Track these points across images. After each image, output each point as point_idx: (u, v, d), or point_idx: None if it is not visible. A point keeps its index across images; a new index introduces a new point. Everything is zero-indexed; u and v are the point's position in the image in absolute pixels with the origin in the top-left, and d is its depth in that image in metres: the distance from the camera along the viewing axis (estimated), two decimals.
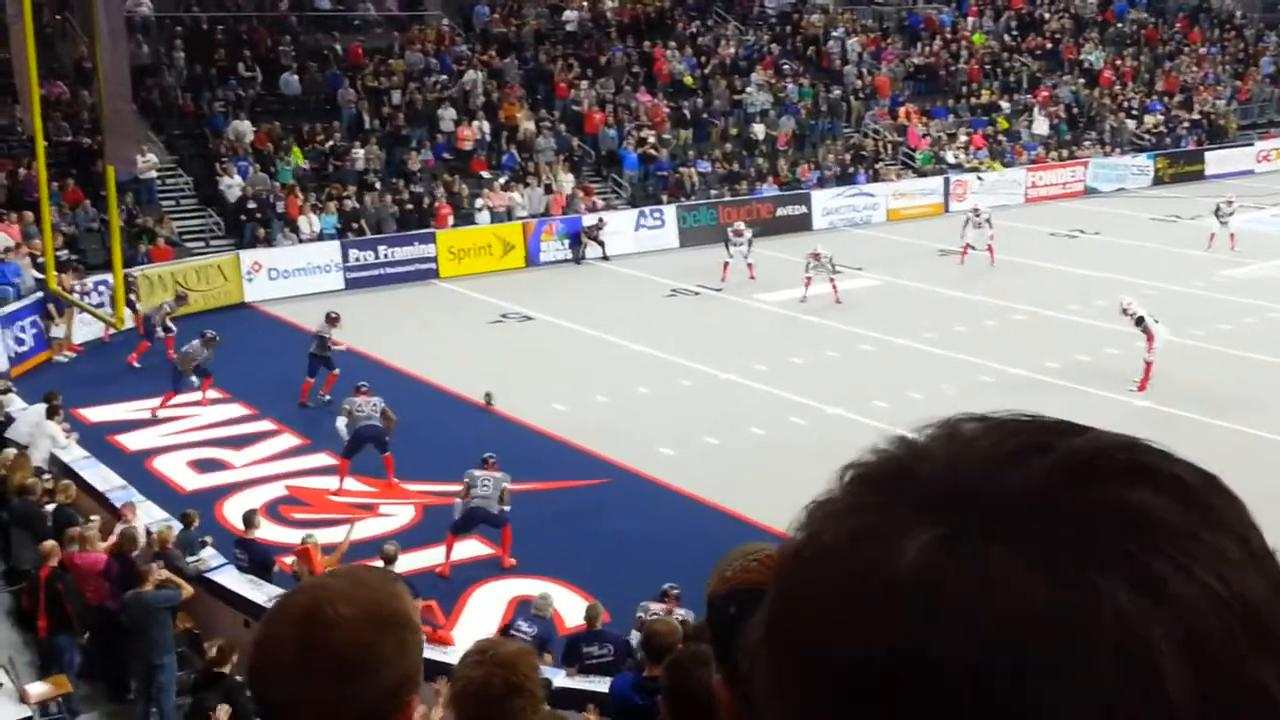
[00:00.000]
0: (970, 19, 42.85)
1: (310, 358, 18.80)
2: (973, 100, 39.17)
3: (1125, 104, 41.04)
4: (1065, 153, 37.65)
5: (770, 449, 16.62)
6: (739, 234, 26.09)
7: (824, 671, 0.62)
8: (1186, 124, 40.83)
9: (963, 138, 36.88)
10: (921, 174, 35.07)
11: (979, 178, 34.84)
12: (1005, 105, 39.10)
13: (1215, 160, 39.61)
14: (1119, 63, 42.91)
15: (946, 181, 34.39)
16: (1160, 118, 40.68)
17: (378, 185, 28.47)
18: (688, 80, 35.28)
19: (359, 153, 29.15)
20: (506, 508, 13.56)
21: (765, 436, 17.18)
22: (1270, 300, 23.60)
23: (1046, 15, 44.33)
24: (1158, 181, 37.77)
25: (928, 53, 40.21)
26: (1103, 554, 0.60)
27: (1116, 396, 18.32)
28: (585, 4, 36.70)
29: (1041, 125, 38.57)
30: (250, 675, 1.56)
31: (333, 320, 19.14)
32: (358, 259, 26.60)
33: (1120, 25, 45.17)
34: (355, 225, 27.32)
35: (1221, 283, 25.15)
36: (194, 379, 18.62)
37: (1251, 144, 41.28)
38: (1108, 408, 17.94)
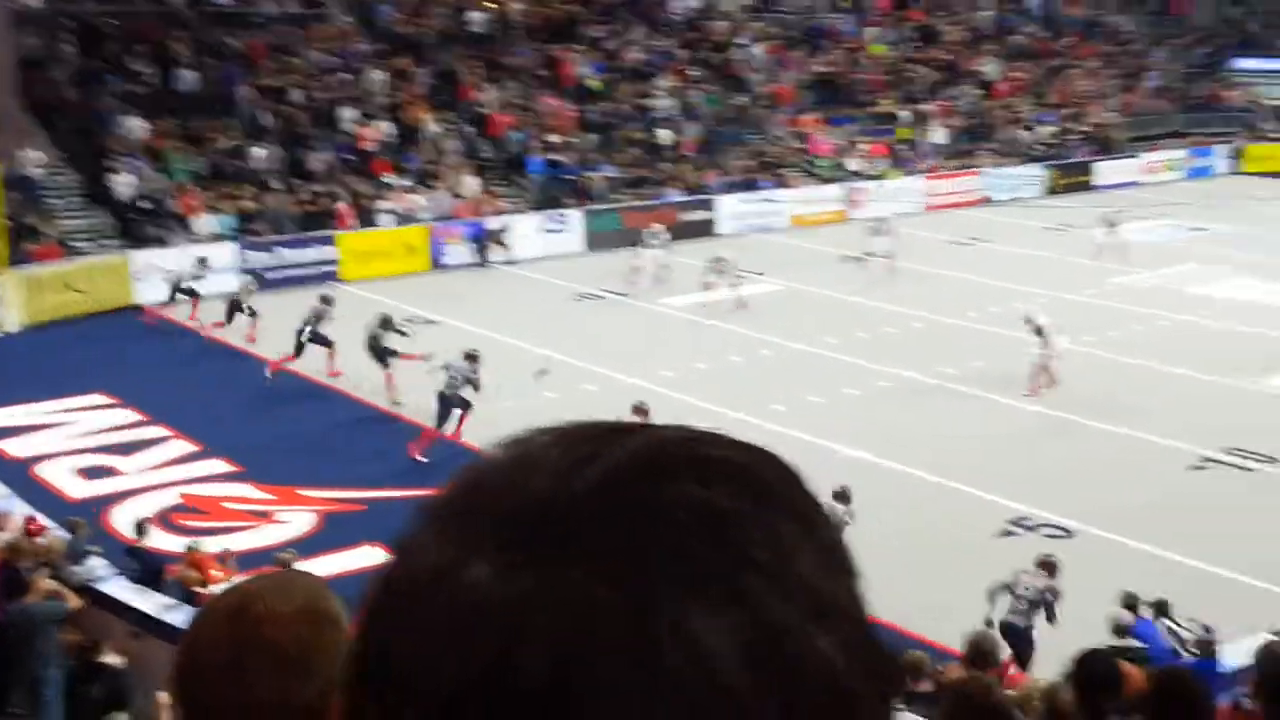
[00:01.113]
0: (871, 29, 43.49)
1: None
2: (873, 109, 39.77)
3: (1019, 115, 41.99)
4: (962, 162, 38.40)
5: None
6: (654, 234, 26.18)
7: (410, 700, 0.62)
8: (1077, 136, 41.91)
9: (864, 146, 37.41)
10: (824, 181, 35.49)
11: (881, 184, 35.38)
12: (904, 114, 39.76)
13: (1104, 171, 40.71)
14: (1014, 75, 43.89)
15: (847, 189, 34.86)
16: (1052, 129, 41.69)
17: (277, 185, 28.01)
18: (594, 84, 35.29)
19: (258, 152, 28.66)
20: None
21: None
22: (1158, 308, 24.29)
23: (945, 27, 45.17)
24: (1050, 191, 38.70)
25: (830, 61, 40.72)
26: (665, 556, 0.61)
27: (1011, 402, 18.72)
28: (493, 5, 36.51)
29: (939, 135, 39.28)
30: (179, 679, 1.50)
31: (327, 300, 20.15)
32: (255, 261, 26.14)
33: (1016, 38, 46.20)
34: (253, 226, 26.85)
35: (1112, 290, 25.82)
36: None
37: (1138, 156, 42.48)
38: (1002, 413, 18.35)
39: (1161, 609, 10.96)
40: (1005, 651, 7.03)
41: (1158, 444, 17.04)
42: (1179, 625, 10.75)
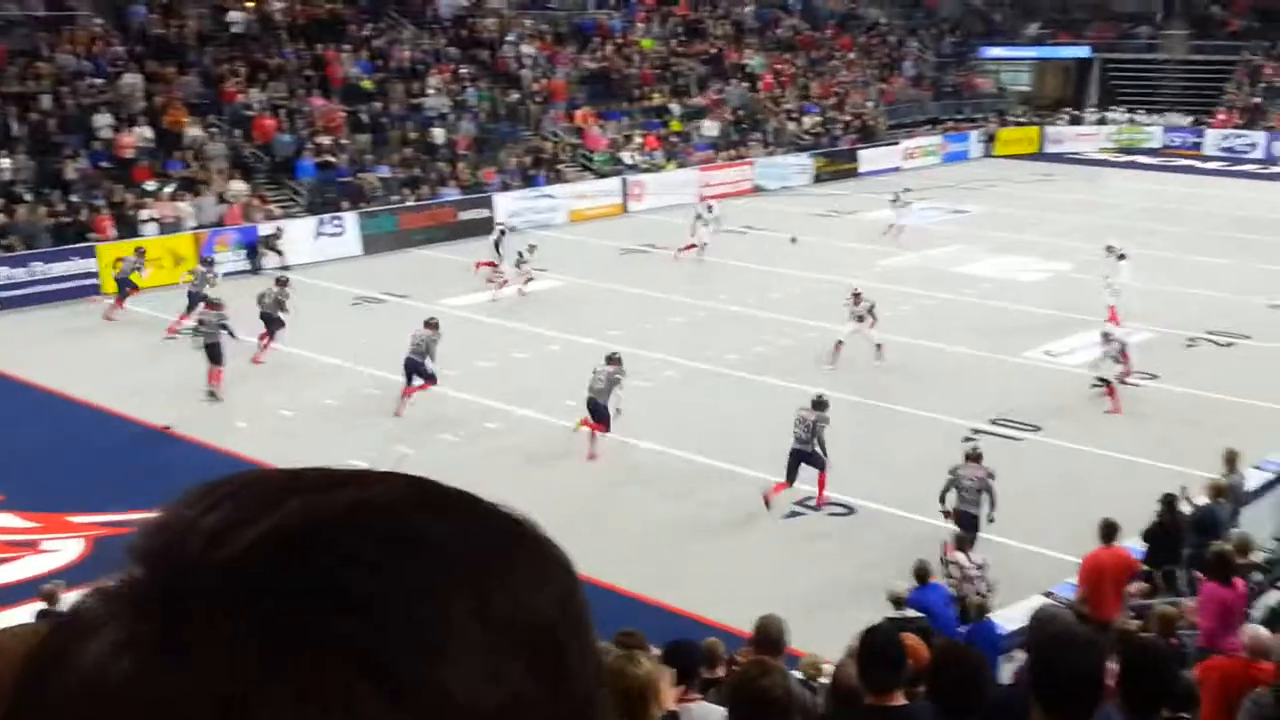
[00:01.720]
0: (639, 25, 44.05)
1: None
2: (645, 103, 40.30)
3: (785, 107, 43.25)
4: (734, 153, 39.30)
5: (464, 455, 16.53)
6: (503, 231, 26.39)
7: None
8: (841, 125, 43.45)
9: (638, 139, 37.86)
10: (600, 175, 35.76)
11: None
12: (676, 108, 40.43)
13: (867, 158, 42.35)
14: (778, 68, 45.16)
15: (624, 182, 35.23)
16: (817, 119, 43.10)
17: (28, 197, 26.47)
18: (364, 84, 34.60)
19: (5, 162, 27.01)
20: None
21: (459, 443, 17.07)
22: (922, 288, 25.40)
23: (710, 22, 46.11)
24: (818, 179, 40.01)
25: (601, 57, 41.04)
26: (272, 651, 0.56)
27: (794, 385, 19.23)
28: (252, 5, 35.33)
29: (711, 127, 40.11)
30: None
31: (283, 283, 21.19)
32: (8, 277, 24.66)
33: (778, 32, 47.55)
34: (4, 241, 25.31)
35: (880, 272, 26.84)
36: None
37: (898, 143, 44.34)
38: (787, 396, 18.84)
39: (961, 544, 11.79)
40: (789, 636, 7.21)
41: (930, 418, 17.80)
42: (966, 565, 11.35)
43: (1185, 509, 11.54)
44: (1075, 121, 50.22)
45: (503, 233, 26.26)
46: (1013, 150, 46.88)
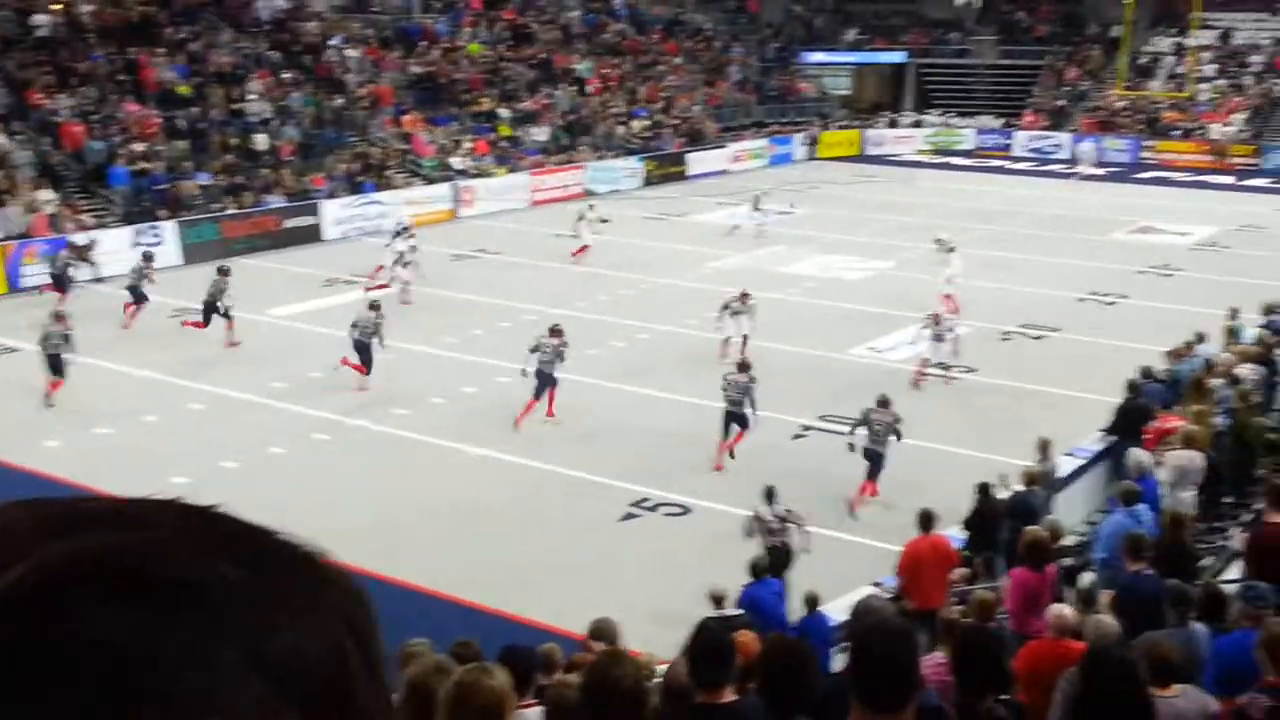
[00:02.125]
0: (466, 29, 43.74)
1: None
2: (474, 108, 40.05)
3: (614, 111, 43.51)
4: (564, 157, 39.36)
5: (291, 467, 16.16)
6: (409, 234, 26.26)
7: None
8: (669, 128, 43.94)
9: (468, 144, 37.60)
10: (430, 181, 35.38)
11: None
12: (505, 112, 40.28)
13: (695, 161, 42.95)
14: (606, 72, 45.41)
15: (455, 188, 34.94)
16: (646, 123, 43.48)
17: None
18: (180, 89, 33.52)
19: None
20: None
21: (287, 455, 16.67)
22: (750, 288, 25.76)
23: (536, 27, 46.09)
24: (648, 182, 40.37)
25: (428, 61, 40.61)
26: (16, 710, 0.51)
27: (623, 387, 19.36)
28: (58, 7, 33.85)
29: (541, 132, 40.09)
30: None
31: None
32: None
33: (605, 37, 47.80)
34: None
35: (709, 274, 27.21)
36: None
37: (725, 146, 45.07)
38: (614, 397, 18.95)
39: (770, 495, 12.51)
40: (622, 637, 7.29)
41: (762, 416, 18.06)
42: (785, 515, 12.17)
43: (1002, 496, 11.99)
44: (893, 124, 51.82)
45: (398, 234, 26.42)
46: (835, 153, 48.11)
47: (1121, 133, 47.77)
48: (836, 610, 9.98)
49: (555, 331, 18.22)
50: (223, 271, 22.22)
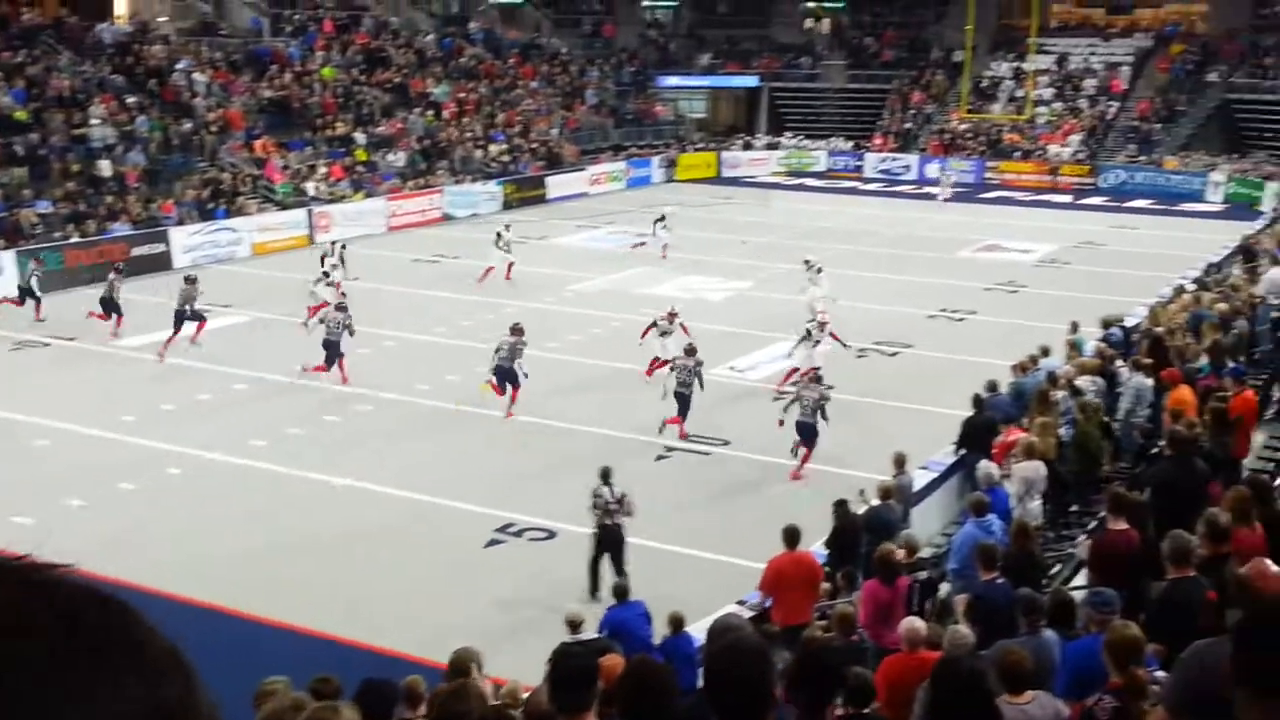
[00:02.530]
0: (319, 53, 43.13)
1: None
2: (329, 132, 39.49)
3: (472, 135, 43.35)
4: (422, 182, 39.05)
5: (144, 503, 15.65)
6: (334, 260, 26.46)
7: None
8: (527, 152, 43.95)
9: (322, 169, 37.04)
10: (284, 207, 34.74)
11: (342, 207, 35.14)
12: (361, 137, 39.81)
13: (555, 184, 43.03)
14: (462, 96, 45.22)
15: (310, 213, 34.36)
16: (504, 147, 43.42)
17: None
18: (18, 114, 32.32)
19: None
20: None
21: (138, 491, 16.13)
22: (611, 311, 25.94)
23: (392, 51, 45.69)
24: (507, 206, 40.27)
25: (279, 85, 39.91)
26: None
27: (483, 412, 19.22)
28: None
29: (397, 156, 39.72)
30: None
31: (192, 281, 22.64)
32: None
33: (461, 61, 47.61)
34: None
35: (569, 297, 27.27)
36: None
37: (584, 169, 45.26)
38: (470, 421, 18.81)
39: (605, 475, 13.33)
40: (484, 665, 7.24)
41: (623, 438, 18.17)
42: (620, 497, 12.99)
43: (860, 511, 12.23)
44: (748, 147, 52.67)
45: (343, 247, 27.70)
46: (693, 175, 48.70)
47: (966, 154, 49.37)
48: (701, 630, 10.04)
49: (516, 330, 19.15)
50: (190, 280, 23.04)
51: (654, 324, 21.15)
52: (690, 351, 18.42)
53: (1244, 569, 4.22)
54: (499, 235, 28.87)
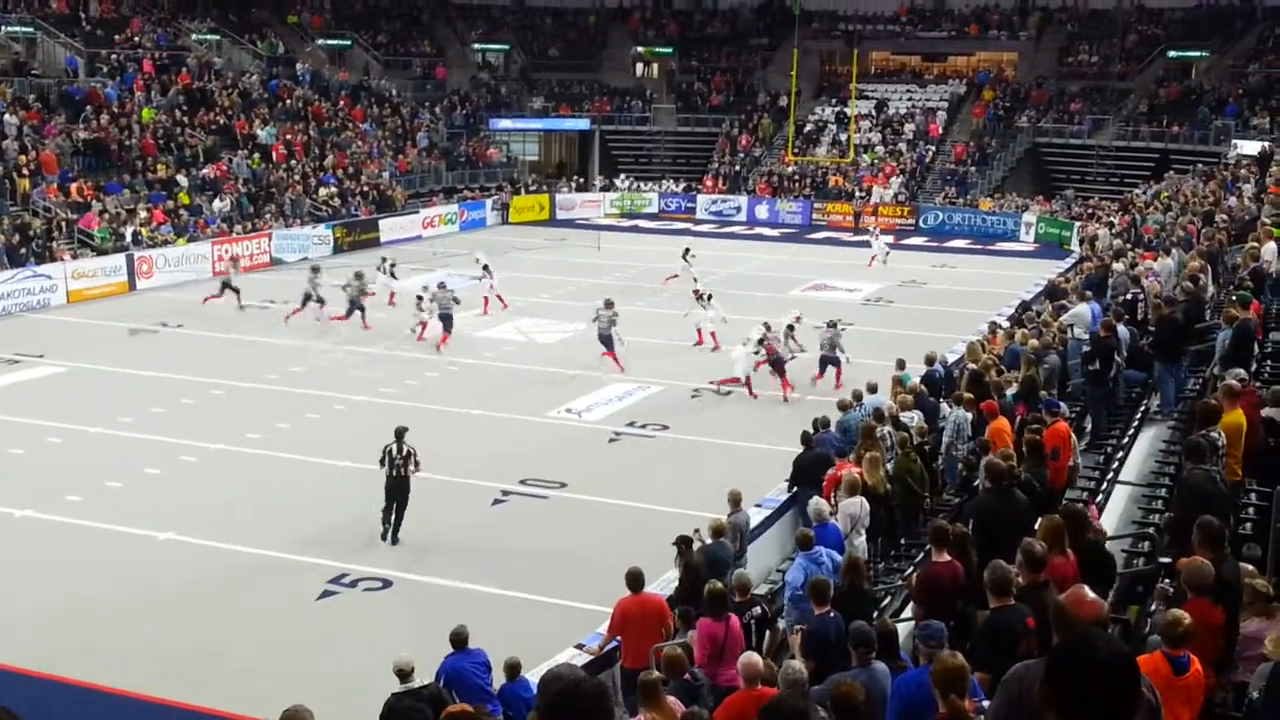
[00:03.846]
0: (138, 93, 41.87)
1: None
2: (150, 175, 38.32)
3: (301, 177, 42.60)
4: (248, 225, 38.15)
5: None
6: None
7: None
8: (357, 195, 43.39)
9: (143, 213, 35.89)
10: (102, 252, 33.52)
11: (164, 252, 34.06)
12: (183, 179, 38.74)
13: (388, 227, 42.58)
14: (290, 138, 44.44)
15: (130, 259, 33.22)
16: (334, 189, 42.79)
17: None
18: None
19: None
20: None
21: None
22: (445, 354, 25.70)
23: (216, 92, 44.65)
24: (337, 249, 39.66)
25: (96, 127, 38.59)
26: None
27: (317, 460, 18.82)
28: None
29: (223, 200, 38.75)
30: None
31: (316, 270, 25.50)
32: None
33: (288, 103, 46.80)
34: None
35: (405, 339, 26.91)
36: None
37: (418, 212, 44.92)
38: (312, 471, 18.39)
39: (400, 433, 15.64)
40: None
41: (461, 484, 18.00)
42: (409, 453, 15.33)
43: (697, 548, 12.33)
44: (582, 189, 53.07)
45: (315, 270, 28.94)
46: (526, 217, 48.78)
47: (793, 196, 50.66)
48: (538, 676, 9.97)
49: (609, 303, 23.94)
50: (316, 270, 28.12)
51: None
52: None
53: (1062, 596, 4.41)
54: (426, 289, 28.15)
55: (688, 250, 33.95)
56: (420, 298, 27.80)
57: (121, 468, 18.39)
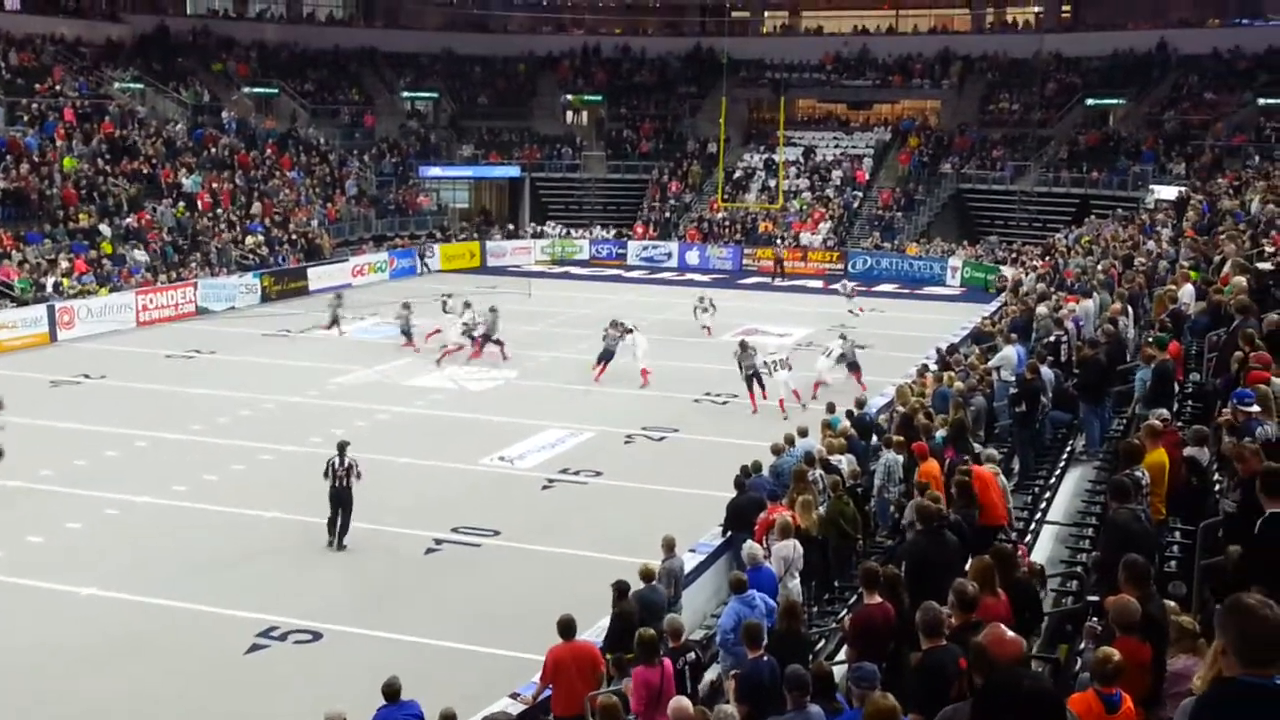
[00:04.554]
0: (59, 142, 41.30)
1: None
2: (71, 224, 37.75)
3: (227, 226, 42.20)
4: (174, 274, 37.67)
5: None
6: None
7: None
8: (285, 244, 43.04)
9: (65, 264, 35.31)
10: (22, 303, 32.88)
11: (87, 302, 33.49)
12: (106, 229, 38.20)
13: (317, 276, 42.22)
14: (216, 186, 44.04)
15: (51, 309, 32.62)
16: (261, 238, 42.41)
17: None
18: None
19: None
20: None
21: None
22: (376, 403, 25.51)
23: (140, 141, 44.17)
24: (265, 298, 39.27)
25: (16, 176, 37.97)
26: None
27: (248, 511, 18.54)
28: None
29: (144, 250, 38.24)
30: None
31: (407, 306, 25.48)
32: None
33: (213, 151, 46.41)
34: None
35: (334, 390, 26.69)
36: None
37: (347, 260, 44.63)
38: (243, 524, 18.09)
39: (341, 448, 17.31)
40: None
41: (393, 532, 17.81)
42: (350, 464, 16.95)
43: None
44: (512, 236, 53.08)
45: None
46: (457, 265, 48.66)
47: (723, 241, 51.07)
48: None
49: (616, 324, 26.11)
50: (407, 306, 31.46)
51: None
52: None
53: (980, 636, 4.44)
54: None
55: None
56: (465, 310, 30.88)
57: (42, 522, 17.96)
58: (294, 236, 43.77)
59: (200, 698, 12.87)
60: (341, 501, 17.14)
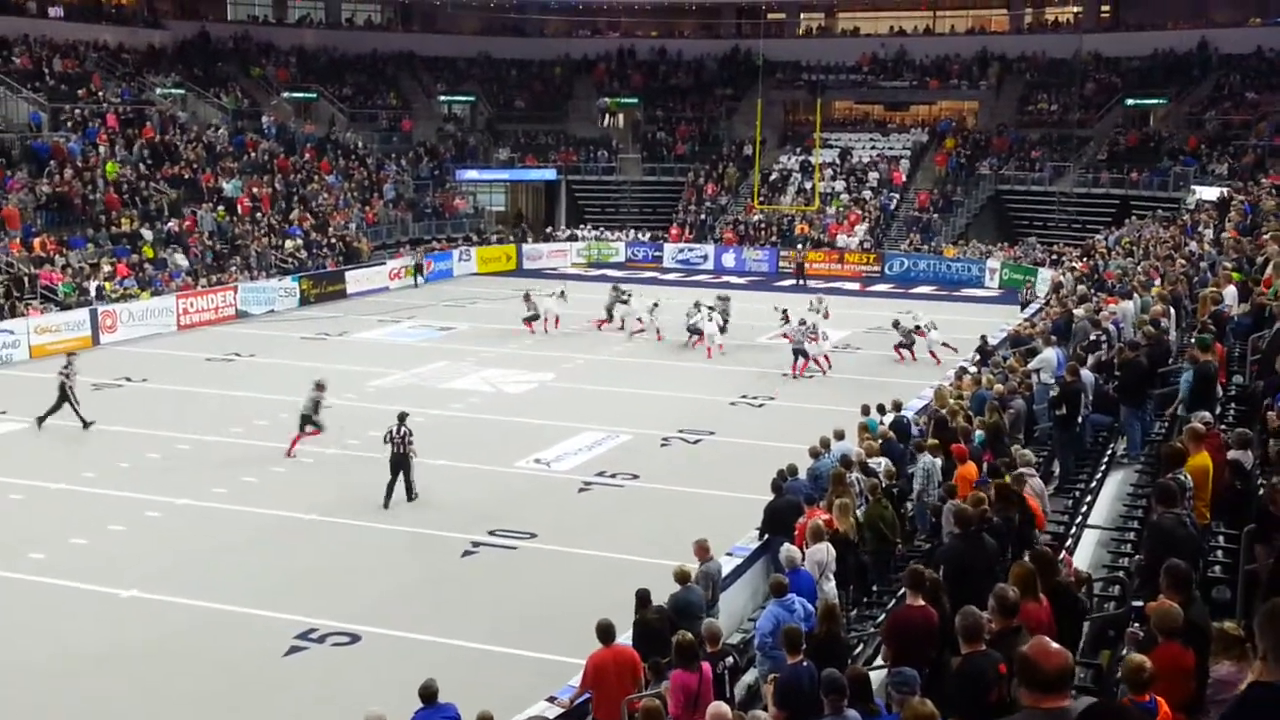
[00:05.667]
0: (102, 147, 41.76)
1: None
2: (113, 229, 38.16)
3: (267, 230, 42.52)
4: (214, 278, 38.00)
5: None
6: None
7: None
8: (324, 247, 43.32)
9: (107, 267, 35.69)
10: (65, 307, 33.27)
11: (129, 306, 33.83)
12: (148, 233, 38.58)
13: (354, 279, 42.47)
14: (256, 190, 44.39)
15: (94, 313, 32.98)
16: (299, 242, 42.70)
17: None
18: None
19: None
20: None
21: None
22: (413, 405, 25.52)
23: (181, 146, 44.59)
24: (304, 302, 39.54)
25: (59, 181, 38.42)
26: None
27: (286, 513, 18.66)
28: None
29: (185, 254, 38.58)
30: None
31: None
32: None
33: (253, 155, 46.79)
34: None
35: (371, 393, 26.81)
36: None
37: (384, 263, 44.86)
38: (276, 525, 18.22)
39: (401, 417, 19.27)
40: None
41: (429, 535, 17.87)
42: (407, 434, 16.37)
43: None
44: (548, 239, 53.19)
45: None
46: (493, 268, 48.82)
47: (759, 244, 50.96)
48: None
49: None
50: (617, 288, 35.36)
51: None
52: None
53: (1025, 648, 4.39)
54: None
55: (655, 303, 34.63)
56: (697, 308, 32.36)
57: (85, 524, 18.14)
58: (332, 240, 44.05)
59: (239, 700, 12.95)
60: (400, 466, 18.83)
